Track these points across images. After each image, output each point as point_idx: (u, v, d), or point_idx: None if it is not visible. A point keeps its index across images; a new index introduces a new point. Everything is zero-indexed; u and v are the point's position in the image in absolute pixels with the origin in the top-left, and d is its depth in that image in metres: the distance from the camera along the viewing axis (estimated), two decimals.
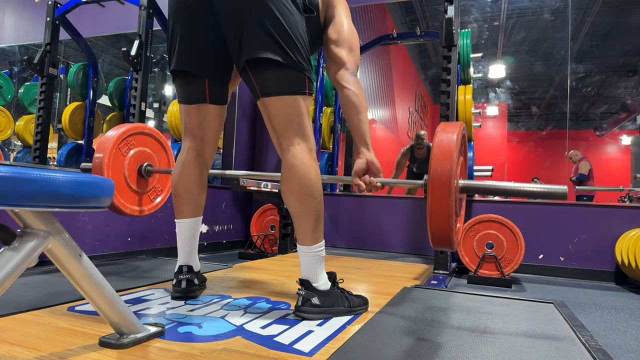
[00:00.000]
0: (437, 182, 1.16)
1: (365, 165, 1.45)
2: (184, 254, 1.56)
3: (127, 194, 1.93)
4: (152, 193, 2.07)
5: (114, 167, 1.85)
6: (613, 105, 9.78)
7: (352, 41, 1.51)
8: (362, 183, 1.44)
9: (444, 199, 1.15)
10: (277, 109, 1.35)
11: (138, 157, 1.96)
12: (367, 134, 1.45)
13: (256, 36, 1.29)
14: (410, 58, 9.98)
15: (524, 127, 10.96)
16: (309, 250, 1.36)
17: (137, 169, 1.95)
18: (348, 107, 1.44)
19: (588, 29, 7.90)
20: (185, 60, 1.43)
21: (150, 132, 2.03)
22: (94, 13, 4.30)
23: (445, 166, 1.16)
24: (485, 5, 7.66)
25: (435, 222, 1.17)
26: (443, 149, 1.18)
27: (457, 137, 1.21)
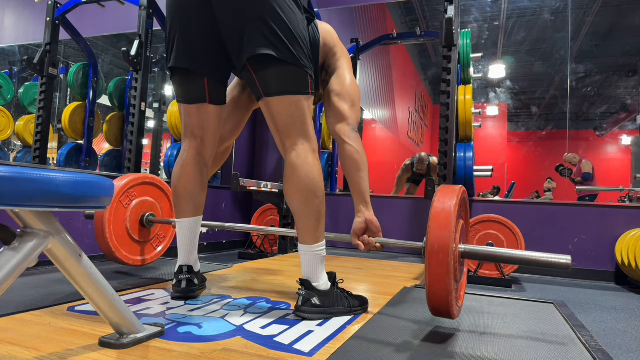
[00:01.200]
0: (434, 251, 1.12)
1: (364, 225, 1.46)
2: (184, 253, 1.56)
3: (129, 245, 1.94)
4: (155, 241, 2.09)
5: (115, 221, 1.85)
6: (613, 105, 9.78)
7: (355, 96, 1.52)
8: (361, 243, 1.45)
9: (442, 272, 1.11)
10: (281, 110, 1.34)
11: (140, 207, 1.96)
12: (367, 193, 1.46)
13: (258, 33, 1.28)
14: (410, 58, 9.98)
15: (524, 127, 10.96)
16: (310, 249, 1.37)
17: (139, 219, 1.96)
18: (348, 164, 1.45)
19: (588, 29, 7.90)
20: (184, 58, 1.42)
21: (152, 181, 2.03)
22: (94, 13, 4.30)
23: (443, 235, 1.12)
24: (485, 5, 7.66)
25: (434, 291, 1.13)
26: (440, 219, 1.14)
27: (455, 203, 1.17)
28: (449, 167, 2.88)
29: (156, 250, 2.10)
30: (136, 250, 1.97)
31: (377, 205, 3.87)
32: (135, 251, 1.96)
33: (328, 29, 1.58)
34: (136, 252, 1.97)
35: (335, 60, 1.56)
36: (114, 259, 1.89)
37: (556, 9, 7.54)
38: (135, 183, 1.94)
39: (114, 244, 1.84)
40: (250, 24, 1.29)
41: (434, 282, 1.13)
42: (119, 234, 1.87)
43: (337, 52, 1.57)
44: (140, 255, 1.99)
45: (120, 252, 1.87)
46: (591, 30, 7.94)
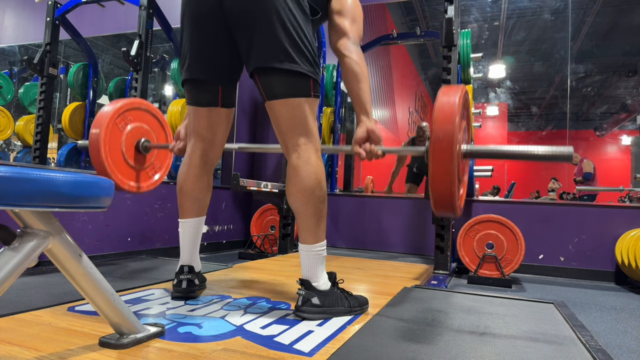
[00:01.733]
0: (438, 145, 1.11)
1: (365, 134, 1.45)
2: (186, 253, 1.56)
3: (125, 170, 1.89)
4: (151, 170, 2.03)
5: (111, 142, 1.80)
6: (613, 105, 9.78)
7: (355, 12, 1.51)
8: (363, 151, 1.44)
9: (446, 162, 1.10)
10: (283, 112, 1.37)
11: (135, 132, 1.91)
12: (368, 103, 1.45)
13: (264, 45, 1.32)
14: (410, 58, 9.98)
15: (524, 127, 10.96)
16: (310, 249, 1.37)
17: (134, 144, 1.91)
18: (349, 76, 1.44)
19: (588, 29, 7.90)
20: (199, 69, 1.46)
21: (148, 108, 2.00)
22: (94, 13, 4.30)
23: (446, 129, 1.12)
24: (485, 5, 7.66)
25: (438, 186, 1.12)
26: (444, 112, 1.14)
27: (459, 99, 1.17)
28: None
29: (152, 179, 2.04)
30: (132, 176, 1.92)
31: (377, 205, 3.89)
32: (130, 176, 1.91)
33: None
34: (132, 177, 1.92)
35: None
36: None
37: (556, 9, 7.54)
38: (131, 107, 1.91)
39: (110, 165, 1.79)
40: (256, 35, 1.33)
41: (438, 173, 1.11)
42: (115, 156, 1.82)
43: None
44: (135, 182, 1.93)
45: (116, 175, 1.82)
46: (591, 30, 7.94)
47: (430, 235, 3.41)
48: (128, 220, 2.79)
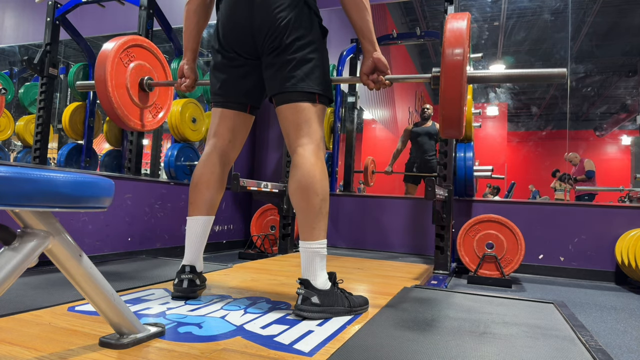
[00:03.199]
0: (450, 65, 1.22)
1: (372, 64, 1.48)
2: (191, 253, 1.56)
3: (130, 107, 1.90)
4: (153, 109, 2.05)
5: (117, 78, 1.82)
6: (613, 105, 9.78)
7: None
8: (371, 82, 1.49)
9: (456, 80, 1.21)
10: (289, 113, 1.46)
11: (139, 70, 1.93)
12: (372, 33, 1.47)
13: (283, 75, 1.44)
14: (410, 58, 9.98)
15: (524, 127, 10.96)
16: (309, 246, 1.37)
17: (138, 82, 1.93)
18: (351, 9, 1.46)
19: (588, 29, 7.90)
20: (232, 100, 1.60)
21: (149, 46, 2.01)
22: (94, 13, 4.30)
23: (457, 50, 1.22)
24: (485, 5, 7.66)
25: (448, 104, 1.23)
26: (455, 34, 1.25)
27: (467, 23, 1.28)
28: (449, 167, 2.88)
29: (155, 119, 2.06)
30: (136, 114, 1.94)
31: (378, 205, 3.88)
32: (135, 114, 1.94)
33: None
34: (136, 115, 1.94)
35: None
36: (116, 118, 1.86)
37: (556, 9, 7.54)
38: (134, 43, 1.92)
39: (116, 100, 1.81)
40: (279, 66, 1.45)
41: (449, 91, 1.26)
42: (120, 92, 1.84)
43: None
44: (139, 120, 1.96)
45: (122, 111, 1.84)
46: (591, 30, 7.94)
47: (430, 235, 3.41)
48: (128, 220, 2.79)
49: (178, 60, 3.64)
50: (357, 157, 4.98)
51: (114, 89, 1.80)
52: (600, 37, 8.30)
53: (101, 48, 1.85)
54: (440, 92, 1.23)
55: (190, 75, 1.69)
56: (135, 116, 1.94)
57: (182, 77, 1.72)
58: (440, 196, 2.58)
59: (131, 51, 1.91)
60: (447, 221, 2.77)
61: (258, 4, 1.43)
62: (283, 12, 1.42)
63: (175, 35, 3.63)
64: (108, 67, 1.77)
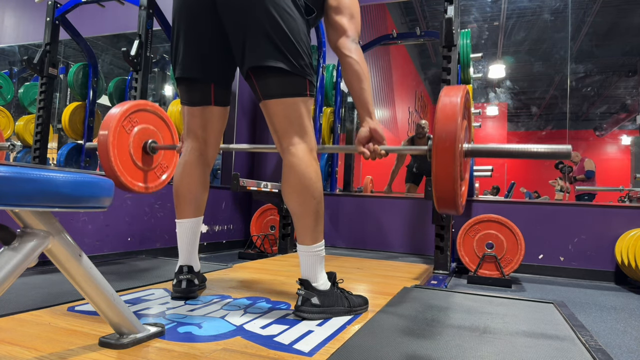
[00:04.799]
0: (441, 144, 1.14)
1: (368, 134, 1.45)
2: (185, 254, 1.56)
3: (133, 171, 1.92)
4: (158, 170, 2.06)
5: (119, 145, 1.84)
6: (613, 105, 9.78)
7: (353, 8, 1.50)
8: (366, 151, 1.45)
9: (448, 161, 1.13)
10: (277, 111, 1.36)
11: (142, 134, 1.94)
12: (370, 102, 1.45)
13: (258, 44, 1.31)
14: (410, 58, 9.98)
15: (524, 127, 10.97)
16: (309, 249, 1.37)
17: (141, 146, 1.94)
18: (350, 76, 1.44)
19: (588, 29, 7.90)
20: (191, 67, 1.45)
21: (153, 109, 2.02)
22: (94, 13, 4.30)
23: (449, 128, 1.14)
24: (485, 5, 7.66)
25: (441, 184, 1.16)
26: (446, 112, 1.17)
27: (460, 100, 1.19)
28: None
29: (160, 179, 2.07)
30: (140, 177, 1.96)
31: (377, 205, 3.89)
32: (139, 177, 1.95)
33: None
34: (140, 178, 1.95)
35: None
36: (119, 184, 1.87)
37: (556, 9, 7.54)
38: (136, 109, 1.93)
39: (119, 167, 1.82)
40: (251, 35, 1.31)
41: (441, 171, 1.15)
42: (123, 158, 1.86)
43: None
44: (144, 182, 1.97)
45: (125, 177, 1.85)
46: (591, 30, 7.94)
47: (430, 235, 3.41)
48: (128, 220, 2.79)
49: None
50: (357, 157, 4.98)
51: (116, 157, 1.82)
52: (600, 37, 8.30)
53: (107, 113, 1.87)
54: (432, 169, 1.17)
55: None
56: (139, 180, 1.95)
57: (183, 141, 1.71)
58: None
59: (134, 117, 1.92)
60: (447, 221, 2.77)
61: None
62: None
63: None
64: (110, 137, 1.80)
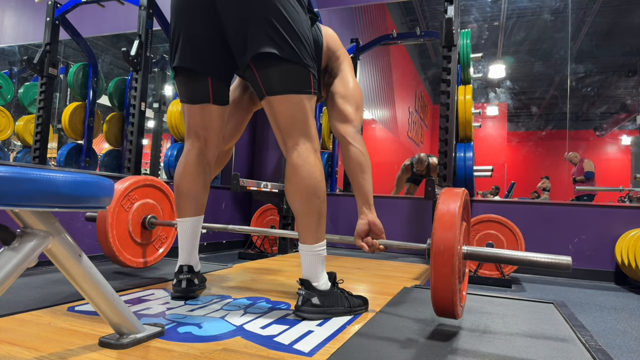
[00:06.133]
0: (439, 252, 1.14)
1: (367, 227, 1.47)
2: (185, 253, 1.56)
3: (132, 248, 1.94)
4: (157, 242, 2.10)
5: (118, 224, 1.86)
6: (613, 105, 9.79)
7: (358, 99, 1.55)
8: (365, 245, 1.47)
9: (447, 273, 1.13)
10: (282, 109, 1.34)
11: (141, 210, 1.96)
12: (371, 195, 1.47)
13: (261, 32, 1.29)
14: (410, 58, 9.98)
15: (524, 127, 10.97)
16: (310, 249, 1.37)
17: (140, 222, 1.97)
18: (353, 165, 1.46)
19: (588, 29, 7.90)
20: (188, 58, 1.42)
21: (153, 183, 2.04)
22: (94, 13, 4.30)
23: (448, 236, 1.13)
24: (485, 5, 7.66)
25: (439, 292, 1.15)
26: (444, 221, 1.16)
27: (459, 205, 1.19)
28: (449, 167, 2.88)
29: (158, 252, 2.11)
30: (138, 253, 1.98)
31: (377, 205, 3.86)
32: (137, 253, 1.97)
33: (331, 33, 1.61)
34: (138, 254, 1.98)
35: (338, 63, 1.58)
36: (117, 262, 1.90)
37: (556, 9, 7.54)
38: (136, 186, 1.94)
39: (117, 247, 1.85)
40: (253, 23, 1.30)
41: (439, 282, 1.14)
42: (122, 236, 1.88)
43: (340, 55, 1.60)
44: (142, 258, 2.00)
45: (124, 255, 1.88)
46: (591, 30, 7.95)
47: (430, 235, 3.41)
48: None
49: None
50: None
51: (115, 237, 1.84)
52: (600, 37, 8.30)
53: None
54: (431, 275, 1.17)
55: None
56: (137, 256, 1.98)
57: None
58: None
59: (133, 194, 1.93)
60: None
61: None
62: None
63: None
64: (109, 219, 1.81)
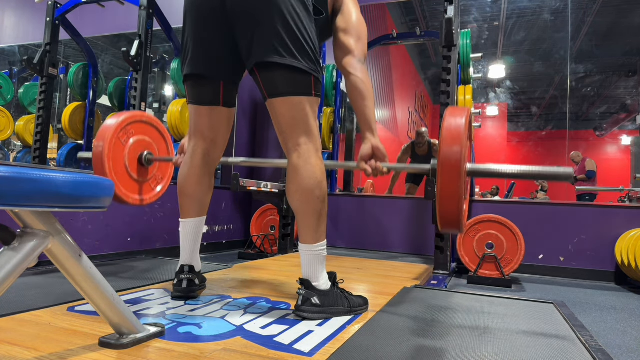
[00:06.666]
0: (447, 165, 1.16)
1: (370, 151, 1.47)
2: (187, 253, 1.56)
3: (128, 183, 1.91)
4: (153, 181, 2.06)
5: (114, 157, 1.83)
6: (613, 105, 9.79)
7: (360, 30, 1.54)
8: (368, 168, 1.47)
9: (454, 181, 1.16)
10: (284, 110, 1.37)
11: (138, 145, 1.93)
12: (373, 120, 1.48)
13: (265, 39, 1.31)
14: (410, 58, 9.98)
15: (524, 127, 10.97)
16: (310, 248, 1.37)
17: (137, 157, 1.94)
18: (354, 94, 1.47)
19: (588, 29, 7.90)
20: (200, 64, 1.45)
21: (149, 121, 2.02)
22: (94, 13, 4.30)
23: (455, 149, 1.17)
24: (485, 5, 7.66)
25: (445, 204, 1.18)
26: (452, 132, 1.19)
27: (465, 121, 1.22)
28: None
29: (155, 191, 2.07)
30: (135, 189, 1.95)
31: (378, 205, 3.89)
32: (134, 190, 1.94)
33: None
34: (135, 190, 1.95)
35: (341, 2, 1.57)
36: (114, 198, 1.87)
37: (556, 9, 7.54)
38: (132, 120, 1.92)
39: (114, 180, 1.81)
40: (258, 30, 1.32)
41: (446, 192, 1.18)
42: (118, 170, 1.85)
43: None
44: (138, 195, 1.97)
45: (120, 189, 1.85)
46: (591, 30, 7.95)
47: (430, 235, 3.41)
48: (128, 220, 2.79)
49: (178, 61, 3.64)
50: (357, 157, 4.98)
51: (112, 170, 1.81)
52: (600, 37, 8.30)
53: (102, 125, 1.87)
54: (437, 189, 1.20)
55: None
56: (133, 192, 1.95)
57: (181, 153, 1.71)
58: None
59: (130, 128, 1.91)
60: None
61: None
62: None
63: (175, 35, 3.63)
64: (105, 150, 1.79)
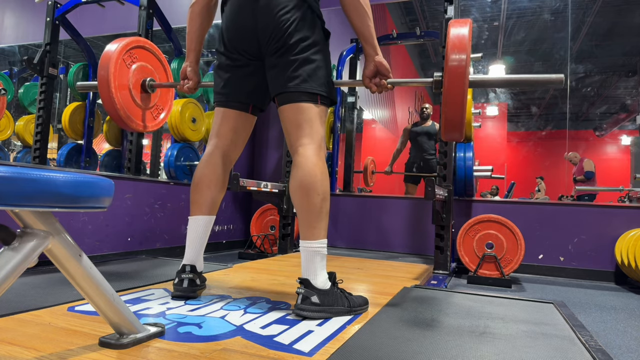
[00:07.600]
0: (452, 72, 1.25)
1: (374, 68, 1.52)
2: (192, 252, 1.57)
3: (132, 108, 1.92)
4: (155, 110, 2.07)
5: (119, 79, 1.83)
6: (613, 105, 9.78)
7: None
8: (373, 85, 1.53)
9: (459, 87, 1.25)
10: (290, 114, 1.47)
11: (141, 71, 1.94)
12: (374, 37, 1.51)
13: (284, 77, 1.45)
14: (410, 58, 9.98)
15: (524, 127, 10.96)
16: (310, 245, 1.38)
17: (140, 83, 1.94)
18: (353, 13, 1.49)
19: (588, 29, 7.90)
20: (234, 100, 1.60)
21: (151, 47, 2.02)
22: (94, 13, 4.30)
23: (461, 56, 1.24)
24: (485, 5, 7.65)
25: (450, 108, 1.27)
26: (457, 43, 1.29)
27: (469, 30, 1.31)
28: (449, 167, 2.88)
29: (157, 120, 2.08)
30: (138, 115, 1.96)
31: (378, 205, 3.88)
32: (137, 115, 1.96)
33: None
34: (138, 116, 1.96)
35: None
36: (118, 119, 1.87)
37: (556, 9, 7.54)
38: (136, 45, 1.93)
39: (119, 101, 1.82)
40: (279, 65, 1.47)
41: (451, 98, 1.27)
42: (123, 93, 1.86)
43: None
44: (142, 121, 1.98)
45: (124, 112, 1.85)
46: (591, 30, 7.94)
47: (430, 235, 3.41)
48: (128, 220, 2.79)
49: (178, 61, 3.64)
50: (357, 157, 4.98)
51: (117, 89, 1.81)
52: (600, 37, 8.30)
53: (105, 49, 1.86)
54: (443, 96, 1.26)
55: (193, 77, 1.70)
56: (137, 117, 1.96)
57: (184, 79, 1.73)
58: (440, 196, 2.58)
59: (134, 52, 1.92)
60: (447, 221, 2.77)
61: (262, 7, 1.44)
62: (287, 14, 1.43)
63: (175, 35, 3.63)
64: (111, 68, 1.79)
